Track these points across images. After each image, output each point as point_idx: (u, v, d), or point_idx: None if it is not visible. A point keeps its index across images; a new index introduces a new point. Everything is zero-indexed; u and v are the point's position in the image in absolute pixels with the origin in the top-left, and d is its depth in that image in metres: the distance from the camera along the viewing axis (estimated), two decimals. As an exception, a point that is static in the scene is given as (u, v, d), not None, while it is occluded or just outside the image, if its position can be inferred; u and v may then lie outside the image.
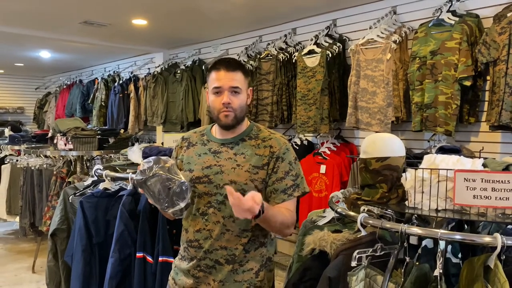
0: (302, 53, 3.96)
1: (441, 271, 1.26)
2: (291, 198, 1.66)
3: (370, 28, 3.59)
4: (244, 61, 4.55)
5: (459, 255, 1.50)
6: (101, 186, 2.60)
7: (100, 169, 2.69)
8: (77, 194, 2.77)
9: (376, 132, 3.34)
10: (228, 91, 1.64)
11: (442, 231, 1.28)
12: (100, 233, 2.49)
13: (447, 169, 1.41)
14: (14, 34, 5.27)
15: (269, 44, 4.55)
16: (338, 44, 3.84)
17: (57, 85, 8.88)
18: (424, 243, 1.49)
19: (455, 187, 1.38)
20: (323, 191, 3.76)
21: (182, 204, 1.58)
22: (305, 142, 4.16)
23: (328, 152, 3.83)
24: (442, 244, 1.33)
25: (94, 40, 5.64)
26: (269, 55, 4.32)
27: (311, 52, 3.89)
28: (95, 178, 2.76)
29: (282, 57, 4.19)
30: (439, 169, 1.43)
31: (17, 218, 4.85)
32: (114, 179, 2.61)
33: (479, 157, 1.59)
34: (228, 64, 1.66)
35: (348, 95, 3.62)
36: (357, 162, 1.69)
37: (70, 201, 2.80)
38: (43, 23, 4.86)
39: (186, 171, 1.73)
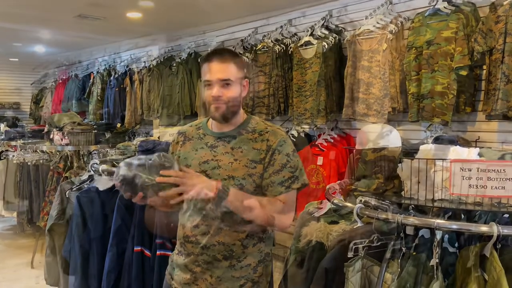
0: (298, 45, 3.93)
1: (437, 260, 1.26)
2: (289, 190, 1.61)
3: (366, 18, 3.57)
4: (240, 53, 4.52)
5: (456, 244, 1.50)
6: (98, 180, 2.60)
7: (96, 163, 2.68)
8: (74, 189, 2.77)
9: (373, 123, 3.34)
10: (219, 84, 1.59)
11: (438, 221, 1.28)
12: (98, 227, 2.49)
13: (442, 159, 1.41)
14: (9, 29, 5.24)
15: (265, 36, 4.52)
16: (334, 35, 3.81)
17: (52, 80, 8.83)
18: (421, 233, 1.49)
19: (451, 176, 1.38)
20: (321, 183, 3.76)
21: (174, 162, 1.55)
22: (302, 134, 4.15)
23: (325, 144, 3.82)
24: (438, 234, 1.34)
25: (89, 33, 5.61)
26: (265, 47, 4.29)
27: (307, 43, 3.87)
28: (92, 172, 2.75)
29: (278, 49, 4.17)
30: (434, 159, 1.43)
31: (15, 214, 4.84)
32: (110, 174, 2.60)
33: (475, 147, 1.59)
34: (219, 55, 1.61)
35: (345, 86, 3.60)
36: (354, 153, 1.69)
37: (67, 196, 2.80)
38: (38, 17, 4.82)
39: (183, 166, 1.70)
